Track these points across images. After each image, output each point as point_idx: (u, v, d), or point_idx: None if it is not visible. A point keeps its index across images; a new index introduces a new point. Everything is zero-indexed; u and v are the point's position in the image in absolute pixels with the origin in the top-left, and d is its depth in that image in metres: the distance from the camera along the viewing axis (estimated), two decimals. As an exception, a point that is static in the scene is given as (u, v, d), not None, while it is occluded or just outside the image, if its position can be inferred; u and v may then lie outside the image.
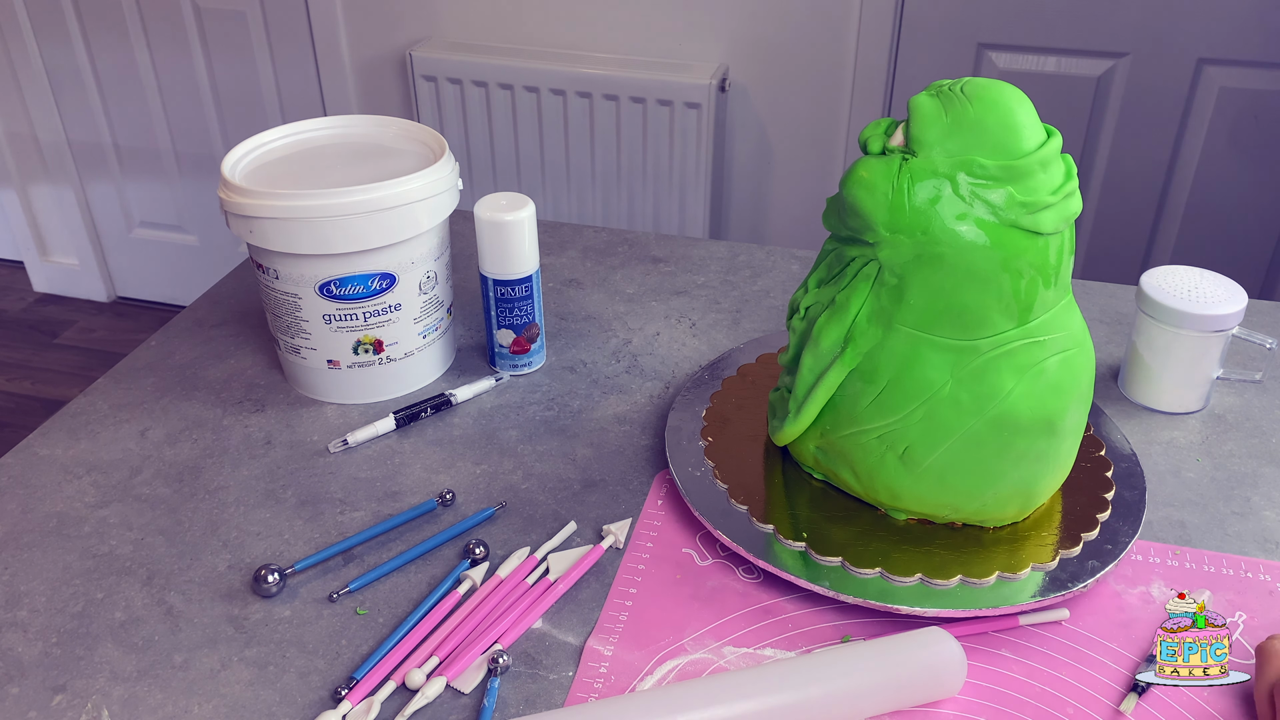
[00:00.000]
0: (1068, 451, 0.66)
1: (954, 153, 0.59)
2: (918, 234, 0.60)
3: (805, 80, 1.83)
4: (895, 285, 0.62)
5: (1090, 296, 0.97)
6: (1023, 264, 0.60)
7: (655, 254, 1.04)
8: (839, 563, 0.64)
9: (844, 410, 0.65)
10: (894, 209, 0.60)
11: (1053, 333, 0.62)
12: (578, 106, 1.86)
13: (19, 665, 0.60)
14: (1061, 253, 0.61)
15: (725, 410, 0.78)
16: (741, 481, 0.70)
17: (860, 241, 0.63)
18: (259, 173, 0.80)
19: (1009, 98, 0.60)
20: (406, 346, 0.81)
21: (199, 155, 2.29)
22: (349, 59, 2.05)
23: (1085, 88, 1.74)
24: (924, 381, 0.62)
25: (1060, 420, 0.63)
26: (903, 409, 0.63)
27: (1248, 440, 0.78)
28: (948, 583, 0.62)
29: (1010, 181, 0.59)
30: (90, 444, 0.78)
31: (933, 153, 0.59)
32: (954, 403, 0.62)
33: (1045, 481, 0.66)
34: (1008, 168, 0.59)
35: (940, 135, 0.59)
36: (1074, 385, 0.64)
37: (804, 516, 0.67)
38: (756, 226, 2.02)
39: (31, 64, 2.26)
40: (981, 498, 0.65)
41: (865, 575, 0.63)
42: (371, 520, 0.71)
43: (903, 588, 0.62)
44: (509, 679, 0.59)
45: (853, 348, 0.64)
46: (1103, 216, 1.84)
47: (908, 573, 0.63)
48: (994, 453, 0.63)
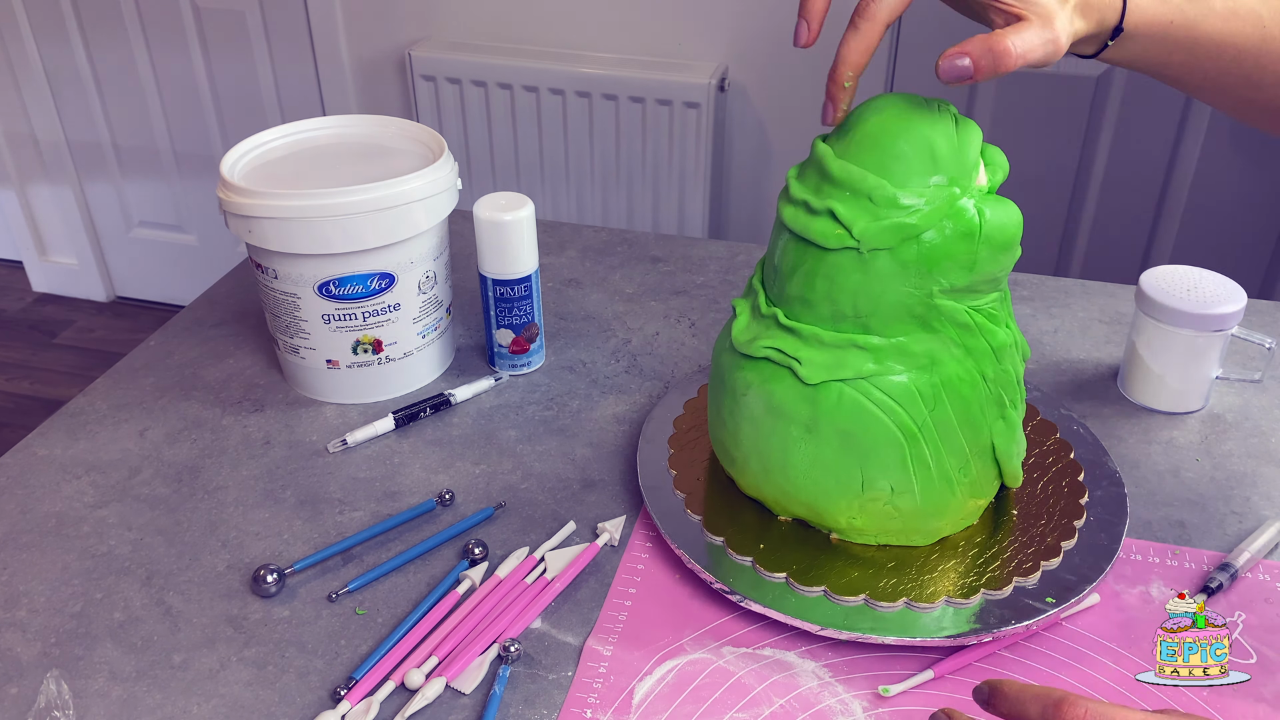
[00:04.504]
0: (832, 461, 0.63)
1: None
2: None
3: (805, 80, 1.83)
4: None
5: (1089, 296, 0.97)
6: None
7: (654, 254, 1.04)
8: (783, 579, 0.63)
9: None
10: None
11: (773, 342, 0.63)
12: (577, 106, 1.86)
13: (18, 665, 0.60)
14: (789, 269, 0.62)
15: (700, 417, 0.77)
16: (698, 493, 0.70)
17: None
18: (258, 172, 0.80)
19: (880, 115, 0.60)
20: (405, 346, 0.81)
21: (198, 155, 2.29)
22: (348, 59, 2.05)
23: (1085, 87, 1.74)
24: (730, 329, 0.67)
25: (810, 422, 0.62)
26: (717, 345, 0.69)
27: (1247, 440, 0.78)
28: (932, 606, 0.61)
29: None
30: (89, 444, 0.78)
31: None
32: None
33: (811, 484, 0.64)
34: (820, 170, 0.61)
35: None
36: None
37: (752, 528, 0.67)
38: (756, 226, 2.02)
39: (30, 63, 2.26)
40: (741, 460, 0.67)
41: (850, 602, 0.61)
42: (370, 520, 0.71)
43: (849, 605, 0.62)
44: (509, 679, 0.59)
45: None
46: (1102, 216, 1.84)
47: (892, 599, 0.61)
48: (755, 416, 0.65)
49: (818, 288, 0.60)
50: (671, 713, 0.57)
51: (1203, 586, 0.64)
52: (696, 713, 0.57)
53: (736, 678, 0.59)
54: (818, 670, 0.60)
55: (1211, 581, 0.64)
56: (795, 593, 0.62)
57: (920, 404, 0.60)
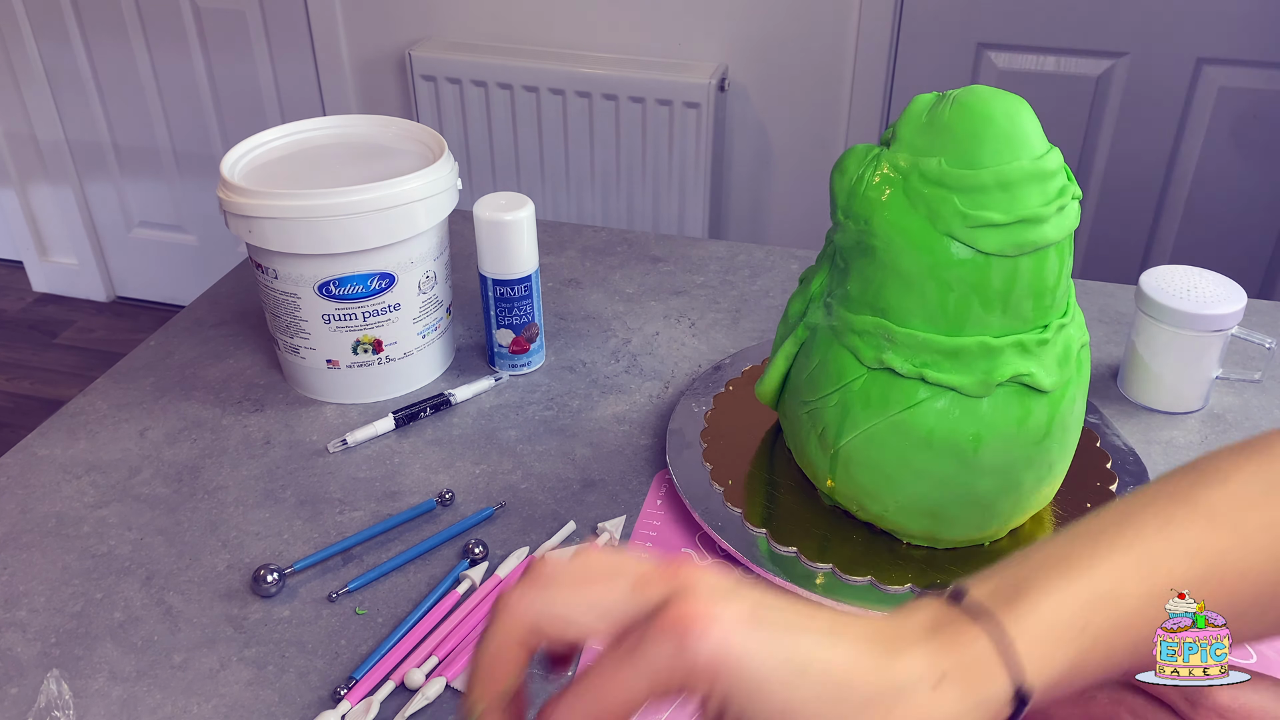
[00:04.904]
0: (992, 490, 0.62)
1: (918, 152, 0.57)
2: (862, 222, 0.59)
3: (805, 80, 1.83)
4: (842, 269, 0.62)
5: (1089, 296, 0.97)
6: (952, 276, 0.57)
7: (654, 254, 1.04)
8: (830, 569, 0.64)
9: (792, 381, 0.67)
10: (850, 194, 0.60)
11: (985, 363, 0.59)
12: (577, 106, 1.86)
13: (18, 665, 0.60)
14: (1014, 280, 0.57)
15: (727, 412, 0.77)
16: (738, 485, 0.70)
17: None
18: (258, 172, 0.80)
19: (991, 108, 0.57)
20: (406, 346, 0.81)
21: (198, 155, 2.29)
22: (348, 59, 2.05)
23: (1085, 87, 1.74)
24: (843, 367, 0.62)
25: (971, 452, 0.60)
26: (823, 390, 0.63)
27: (1247, 440, 0.78)
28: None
29: (957, 191, 0.56)
30: (89, 444, 0.78)
31: (901, 149, 0.58)
32: (864, 396, 0.61)
33: (960, 510, 0.63)
34: (958, 176, 0.56)
35: (913, 133, 0.58)
36: (994, 425, 0.60)
37: (797, 526, 0.67)
38: (755, 226, 2.02)
39: (30, 63, 2.26)
40: (883, 501, 0.64)
41: (855, 583, 0.63)
42: (371, 520, 0.71)
43: (896, 595, 0.62)
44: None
45: (804, 322, 0.66)
46: (1102, 216, 1.84)
47: (899, 583, 0.63)
48: (895, 459, 0.61)
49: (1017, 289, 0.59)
50: (671, 713, 0.57)
51: None
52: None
53: (736, 678, 0.59)
54: (818, 670, 0.60)
55: None
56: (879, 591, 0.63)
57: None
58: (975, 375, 0.58)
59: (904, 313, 0.59)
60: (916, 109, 0.59)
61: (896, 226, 0.57)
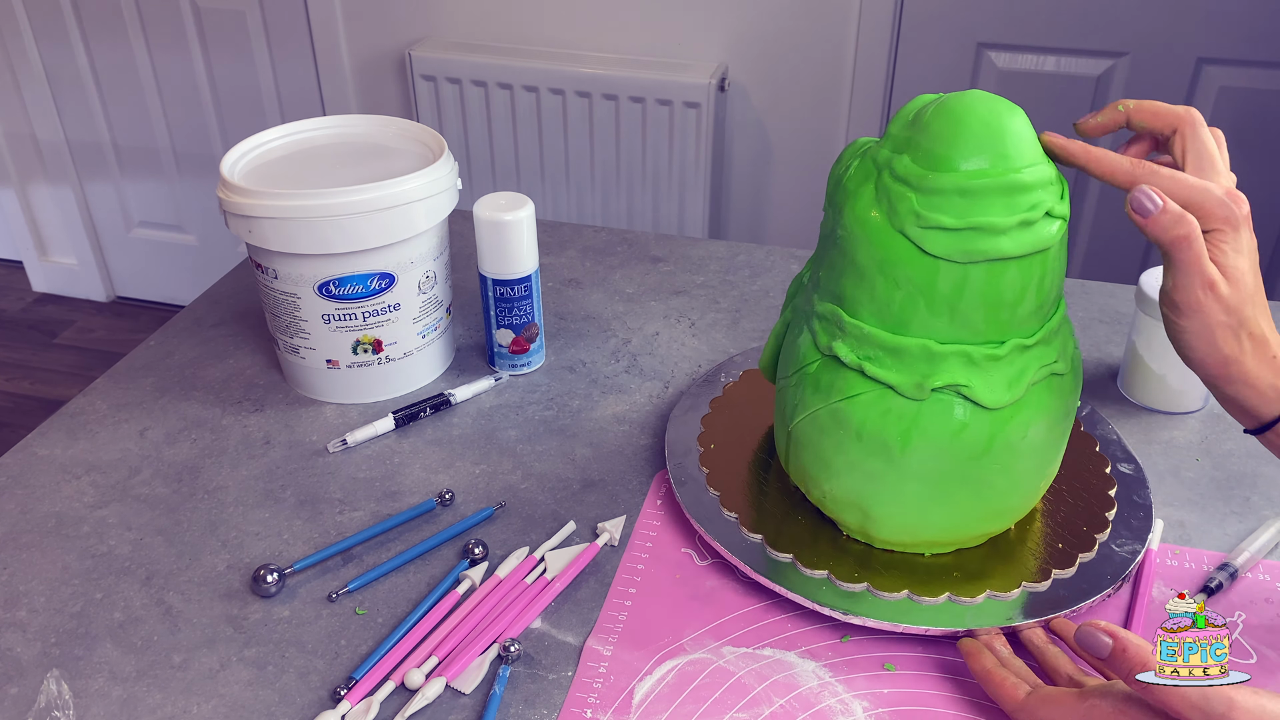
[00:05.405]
0: (920, 496, 0.61)
1: (898, 148, 0.58)
2: (837, 211, 0.60)
3: (805, 80, 1.83)
4: (818, 255, 0.64)
5: (1089, 296, 0.97)
6: (900, 275, 0.57)
7: (654, 253, 1.04)
8: (826, 575, 0.64)
9: (781, 359, 0.69)
10: (835, 183, 0.61)
11: (924, 366, 0.58)
12: (577, 106, 1.86)
13: (18, 665, 0.60)
14: (963, 288, 0.56)
15: (726, 416, 0.77)
16: (734, 490, 0.70)
17: None
18: (258, 172, 0.80)
19: (969, 114, 0.55)
20: (405, 346, 0.81)
21: (198, 155, 2.29)
22: (348, 58, 2.05)
23: (1085, 87, 1.74)
24: (802, 351, 0.63)
25: (899, 451, 0.59)
26: (788, 370, 0.65)
27: (1247, 440, 0.78)
28: (935, 599, 0.62)
29: (917, 191, 0.55)
30: (89, 444, 0.78)
31: (887, 144, 0.59)
32: (815, 381, 0.62)
33: (889, 510, 0.63)
34: (920, 176, 0.55)
35: (899, 130, 0.58)
36: (926, 430, 0.59)
37: (789, 530, 0.67)
38: (756, 226, 2.02)
39: (30, 64, 2.26)
40: (821, 486, 0.64)
41: (852, 589, 0.63)
42: (370, 520, 0.71)
43: (891, 603, 0.62)
44: (508, 679, 0.59)
45: (790, 305, 0.68)
46: (1102, 216, 1.84)
47: (895, 590, 0.62)
48: (832, 446, 0.62)
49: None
50: (671, 713, 0.57)
51: (1203, 586, 0.64)
52: (696, 713, 0.57)
53: (736, 678, 0.59)
54: (818, 670, 0.60)
55: (1211, 581, 0.64)
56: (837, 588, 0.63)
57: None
58: (913, 376, 0.58)
59: (856, 304, 0.60)
60: (910, 107, 0.59)
61: (860, 219, 0.58)
